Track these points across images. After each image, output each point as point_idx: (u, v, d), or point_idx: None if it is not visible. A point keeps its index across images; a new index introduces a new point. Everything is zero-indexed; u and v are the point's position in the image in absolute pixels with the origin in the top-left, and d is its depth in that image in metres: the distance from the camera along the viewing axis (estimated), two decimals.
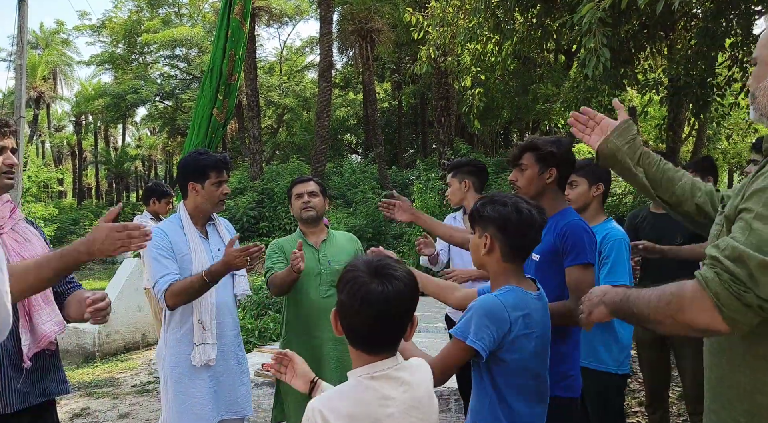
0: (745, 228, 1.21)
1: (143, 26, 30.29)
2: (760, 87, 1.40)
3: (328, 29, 16.79)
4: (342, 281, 1.38)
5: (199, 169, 2.62)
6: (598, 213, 2.82)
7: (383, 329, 1.35)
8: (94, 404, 4.98)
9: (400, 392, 1.36)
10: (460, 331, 1.65)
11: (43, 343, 2.09)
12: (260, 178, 17.36)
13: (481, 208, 1.79)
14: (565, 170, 2.23)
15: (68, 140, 43.09)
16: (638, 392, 4.74)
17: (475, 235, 1.83)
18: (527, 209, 1.73)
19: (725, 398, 1.36)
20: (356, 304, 1.32)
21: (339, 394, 1.38)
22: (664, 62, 7.53)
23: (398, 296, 1.32)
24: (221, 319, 2.65)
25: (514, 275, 1.77)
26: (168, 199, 5.38)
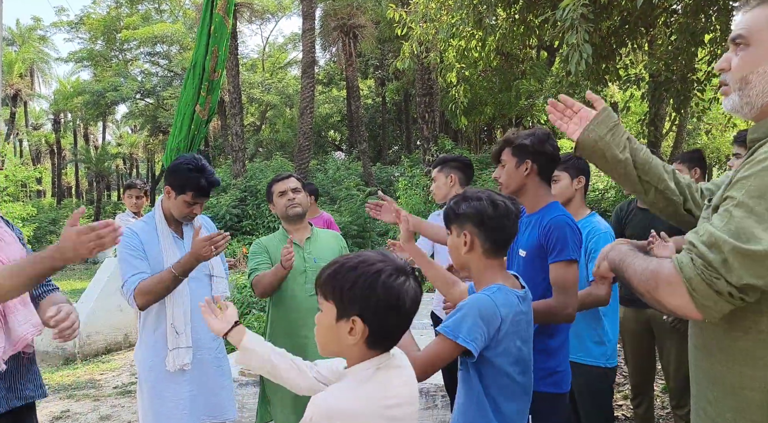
0: (725, 215, 1.20)
1: (122, 23, 29.92)
2: (758, 71, 1.33)
3: (311, 25, 16.69)
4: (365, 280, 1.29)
5: (180, 181, 2.54)
6: (581, 207, 2.83)
7: (403, 326, 1.34)
8: (75, 406, 4.90)
9: (402, 382, 1.35)
10: (450, 330, 1.61)
11: (20, 346, 2.04)
12: (243, 175, 17.22)
13: (455, 207, 1.77)
14: (544, 162, 2.19)
15: (47, 138, 42.38)
16: (623, 385, 4.78)
17: (452, 235, 1.80)
18: (501, 201, 1.74)
19: (712, 395, 1.35)
20: (390, 305, 1.28)
21: (342, 390, 1.32)
22: (645, 58, 7.59)
23: (419, 297, 1.34)
24: (196, 323, 2.56)
25: (499, 272, 1.76)
26: (131, 193, 5.27)
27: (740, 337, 1.27)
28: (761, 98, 1.34)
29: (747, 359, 1.25)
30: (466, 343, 1.58)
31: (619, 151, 1.67)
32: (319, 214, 5.41)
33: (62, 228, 13.04)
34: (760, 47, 1.33)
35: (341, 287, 1.30)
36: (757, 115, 1.36)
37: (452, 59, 7.76)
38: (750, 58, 1.35)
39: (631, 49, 7.17)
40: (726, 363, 1.30)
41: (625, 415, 4.16)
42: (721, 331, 1.31)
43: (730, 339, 1.29)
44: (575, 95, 7.29)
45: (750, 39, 1.35)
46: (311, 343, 2.83)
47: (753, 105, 1.35)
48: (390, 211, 2.81)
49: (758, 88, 1.34)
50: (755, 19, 1.35)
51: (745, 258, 1.13)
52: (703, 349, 1.39)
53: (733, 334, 1.28)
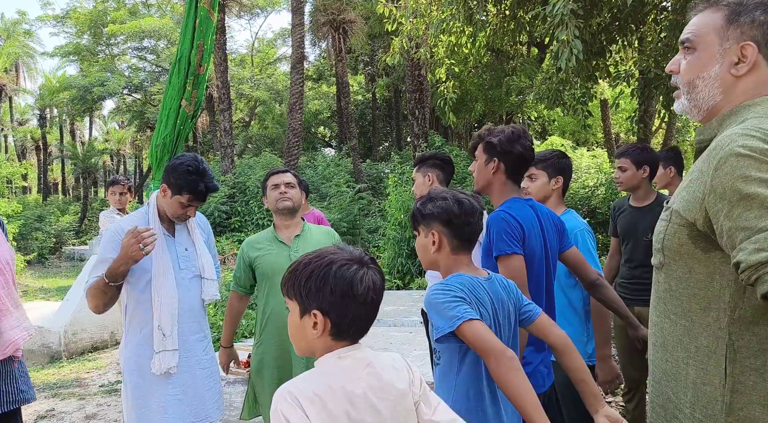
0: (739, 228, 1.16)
1: (109, 17, 29.56)
2: (703, 76, 1.37)
3: (300, 21, 16.60)
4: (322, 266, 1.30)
5: (177, 182, 2.45)
6: (558, 205, 2.84)
7: (365, 316, 1.33)
8: (60, 405, 4.83)
9: (365, 373, 1.32)
10: (447, 325, 1.59)
11: (10, 350, 2.00)
12: (232, 172, 17.12)
13: (422, 208, 1.81)
14: (511, 162, 2.17)
15: (32, 134, 41.87)
16: None
17: (420, 235, 1.83)
18: (466, 199, 1.77)
19: (670, 391, 1.39)
20: (343, 294, 1.28)
21: (307, 376, 1.34)
22: (635, 55, 7.60)
23: (381, 286, 1.35)
24: (182, 324, 2.50)
25: (465, 265, 1.78)
26: (114, 189, 5.20)
27: (700, 334, 1.31)
28: (707, 102, 1.38)
29: (706, 355, 1.30)
30: (467, 317, 1.56)
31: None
32: (310, 211, 5.37)
33: (48, 225, 12.93)
34: (705, 52, 1.37)
35: (299, 283, 1.33)
36: (704, 117, 1.40)
37: (442, 55, 7.74)
38: (696, 62, 1.39)
39: (621, 46, 7.17)
40: (686, 360, 1.34)
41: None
42: (681, 328, 1.35)
43: (691, 336, 1.33)
44: (565, 91, 7.30)
45: (696, 43, 1.39)
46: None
47: (700, 108, 1.40)
48: None
49: (704, 92, 1.38)
50: (702, 24, 1.38)
51: None
52: (663, 347, 1.42)
53: (693, 332, 1.32)
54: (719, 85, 1.36)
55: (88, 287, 2.36)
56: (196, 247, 2.61)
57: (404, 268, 10.04)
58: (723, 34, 1.35)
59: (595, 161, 13.35)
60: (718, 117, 1.36)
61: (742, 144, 1.18)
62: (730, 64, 1.34)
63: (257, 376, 2.91)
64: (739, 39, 1.33)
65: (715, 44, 1.35)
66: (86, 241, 22.14)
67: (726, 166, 1.19)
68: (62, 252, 20.11)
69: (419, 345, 5.50)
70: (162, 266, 2.44)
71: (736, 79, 1.34)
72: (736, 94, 1.34)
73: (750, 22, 1.32)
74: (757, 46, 1.31)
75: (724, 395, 1.26)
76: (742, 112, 1.32)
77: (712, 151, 1.25)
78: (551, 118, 17.21)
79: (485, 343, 1.54)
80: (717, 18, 1.36)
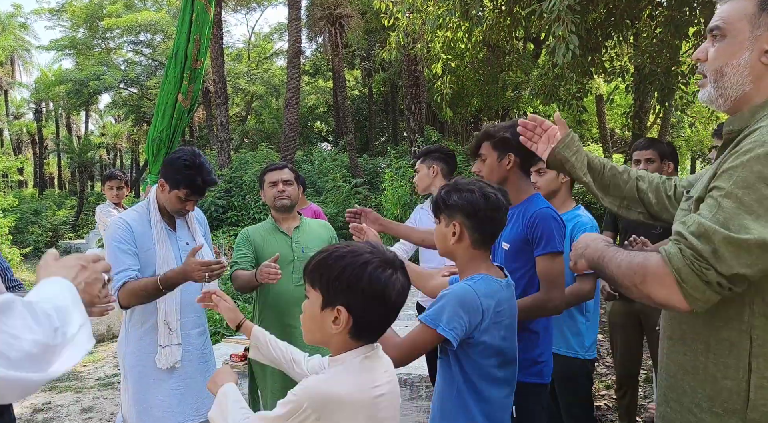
0: (713, 205, 1.20)
1: (105, 10, 29.39)
2: (733, 64, 1.33)
3: (297, 15, 16.55)
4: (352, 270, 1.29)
5: (175, 176, 2.45)
6: (566, 200, 2.84)
7: (389, 319, 1.36)
8: (56, 398, 4.85)
9: (384, 373, 1.35)
10: (431, 319, 1.61)
11: None
12: (228, 166, 17.08)
13: (446, 197, 1.76)
14: (525, 154, 2.18)
15: (28, 128, 41.66)
16: (605, 376, 4.83)
17: (440, 224, 1.79)
18: (493, 193, 1.73)
19: (687, 385, 1.36)
20: (375, 296, 1.29)
21: (335, 377, 1.32)
22: (630, 50, 7.62)
23: (407, 290, 1.36)
24: (184, 318, 2.52)
25: (483, 262, 1.76)
26: (111, 184, 5.20)
27: (721, 327, 1.28)
28: (735, 91, 1.34)
29: (727, 349, 1.26)
30: (445, 332, 1.58)
31: (582, 174, 1.81)
32: (308, 205, 5.39)
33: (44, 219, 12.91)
34: (736, 39, 1.33)
35: (328, 276, 1.30)
36: (731, 107, 1.37)
37: (439, 50, 7.74)
38: (725, 49, 1.35)
39: (616, 42, 7.19)
40: (705, 353, 1.31)
41: (607, 405, 4.21)
42: (700, 321, 1.32)
43: (710, 329, 1.30)
44: (561, 87, 7.32)
45: (726, 30, 1.35)
46: (298, 333, 2.81)
47: (727, 97, 1.36)
48: (371, 220, 2.68)
49: (732, 80, 1.34)
50: (732, 11, 1.35)
51: (735, 247, 1.13)
52: (679, 341, 1.39)
53: (714, 325, 1.29)
54: (749, 74, 1.31)
55: (120, 285, 2.33)
56: (197, 241, 2.63)
57: None
58: (755, 21, 1.30)
59: None
60: (750, 107, 1.32)
61: None
62: (761, 51, 1.30)
63: (259, 368, 2.90)
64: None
65: (746, 31, 1.31)
66: (82, 235, 22.09)
67: (759, 162, 1.16)
68: (58, 246, 20.05)
69: None
70: (165, 261, 2.45)
71: (766, 67, 1.30)
72: (767, 84, 1.31)
73: None
74: None
75: (747, 391, 1.23)
76: None
77: (745, 144, 1.22)
78: (547, 113, 17.21)
79: (411, 352, 1.63)
80: (749, 5, 1.32)
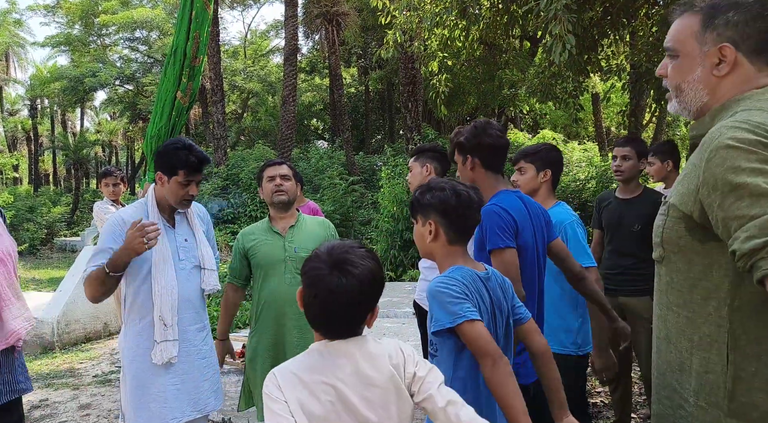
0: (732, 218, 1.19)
1: (101, 7, 29.27)
2: (688, 80, 1.42)
3: (294, 12, 16.53)
4: (303, 267, 1.42)
5: (169, 162, 2.47)
6: (547, 198, 2.87)
7: (335, 319, 1.39)
8: (53, 395, 4.86)
9: (349, 363, 1.38)
10: (450, 320, 1.61)
11: (12, 340, 2.02)
12: (225, 164, 17.07)
13: (420, 197, 1.83)
14: (483, 154, 2.20)
15: (23, 125, 41.46)
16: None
17: (418, 224, 1.85)
18: (464, 191, 1.78)
19: (675, 381, 1.41)
20: (311, 293, 1.37)
21: (292, 360, 1.44)
22: (627, 49, 7.65)
23: (353, 293, 1.35)
24: (182, 314, 2.53)
25: (461, 256, 1.80)
26: (107, 181, 5.22)
27: (702, 323, 1.33)
28: (695, 103, 1.43)
29: (708, 344, 1.32)
30: (473, 314, 1.59)
31: None
32: (306, 203, 5.40)
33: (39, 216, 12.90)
34: (687, 57, 1.42)
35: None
36: (696, 116, 1.45)
37: (435, 48, 7.75)
38: (680, 68, 1.44)
39: (612, 40, 7.21)
40: (689, 349, 1.37)
41: (603, 402, 4.24)
42: (683, 320, 1.38)
43: (693, 327, 1.36)
44: (557, 85, 7.34)
45: (677, 50, 1.44)
46: (290, 332, 2.84)
47: (689, 109, 1.45)
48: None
49: (690, 95, 1.43)
50: (680, 30, 1.44)
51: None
52: (666, 339, 1.45)
53: (696, 322, 1.35)
54: (704, 87, 1.40)
55: (86, 275, 2.37)
56: (196, 237, 2.64)
57: (396, 260, 10.09)
58: (701, 38, 1.39)
59: (586, 155, 13.43)
60: (710, 112, 1.41)
61: (731, 136, 1.22)
62: (712, 65, 1.38)
63: (250, 366, 2.95)
64: (717, 41, 1.37)
65: (695, 49, 1.40)
66: (78, 233, 22.03)
67: (716, 158, 1.23)
68: (54, 243, 20.00)
69: (412, 336, 5.55)
70: (162, 257, 2.46)
71: (719, 79, 1.38)
72: (722, 93, 1.39)
73: (725, 23, 1.36)
74: (734, 46, 1.35)
75: (726, 382, 1.28)
76: (732, 105, 1.36)
77: (703, 144, 1.29)
78: (543, 111, 17.26)
79: (484, 345, 1.58)
80: (694, 23, 1.41)
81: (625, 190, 3.46)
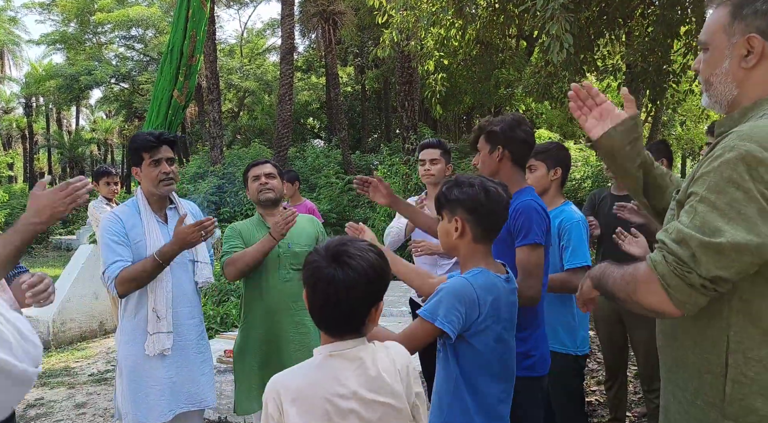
0: (690, 211, 1.24)
1: (96, 5, 29.15)
2: (716, 73, 1.40)
3: (290, 11, 16.50)
4: (304, 264, 1.42)
5: (134, 152, 2.55)
6: (556, 196, 2.88)
7: (337, 314, 1.37)
8: (49, 394, 4.85)
9: (354, 374, 1.36)
10: (429, 312, 1.63)
11: None
12: (221, 162, 17.02)
13: (447, 192, 1.78)
14: (515, 148, 2.20)
15: (18, 123, 41.29)
16: (597, 372, 4.88)
17: (443, 220, 1.81)
18: (494, 187, 1.75)
19: (680, 378, 1.41)
20: (311, 288, 1.37)
21: (294, 370, 1.41)
22: (622, 49, 7.67)
23: (352, 284, 1.33)
24: (178, 308, 2.55)
25: (484, 257, 1.78)
26: (107, 179, 5.27)
27: (705, 325, 1.32)
28: (725, 97, 1.41)
29: (710, 345, 1.32)
30: (443, 326, 1.60)
31: (633, 166, 1.61)
32: (302, 202, 5.41)
33: None
34: (716, 50, 1.40)
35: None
36: (728, 110, 1.43)
37: (432, 48, 7.75)
38: (709, 60, 1.43)
39: (608, 40, 7.24)
40: (691, 348, 1.36)
41: (598, 401, 4.25)
42: (689, 318, 1.36)
43: (696, 327, 1.35)
44: (554, 85, 7.35)
45: (708, 43, 1.43)
46: (285, 327, 2.83)
47: (720, 103, 1.43)
48: (382, 192, 2.72)
49: (719, 88, 1.41)
50: (711, 23, 1.42)
51: (710, 251, 1.18)
52: (670, 335, 1.45)
53: (699, 323, 1.34)
54: (732, 80, 1.38)
55: (117, 273, 2.38)
56: None
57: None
58: (729, 30, 1.37)
59: (582, 154, 13.44)
60: (739, 109, 1.38)
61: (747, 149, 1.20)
62: (740, 57, 1.36)
63: (238, 359, 2.92)
64: (745, 32, 1.34)
65: (724, 41, 1.38)
66: (73, 231, 21.92)
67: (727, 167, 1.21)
68: (49, 241, 19.92)
69: None
70: (155, 251, 2.46)
71: (747, 71, 1.36)
72: (752, 85, 1.36)
73: (753, 13, 1.33)
74: (762, 36, 1.32)
75: (725, 384, 1.28)
76: (763, 104, 1.33)
77: (724, 147, 1.26)
78: (539, 111, 17.28)
79: (411, 341, 1.64)
80: (723, 15, 1.38)
81: (620, 187, 3.47)
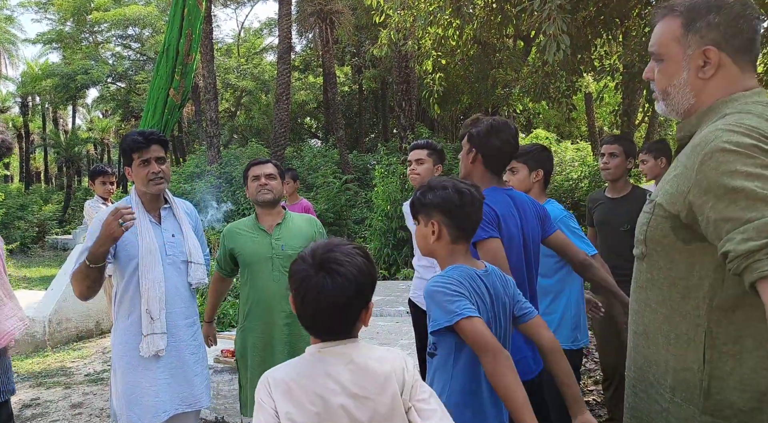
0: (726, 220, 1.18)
1: (93, 4, 29.09)
2: (675, 84, 1.43)
3: (287, 10, 16.49)
4: (290, 271, 1.39)
5: (124, 152, 2.55)
6: (539, 196, 2.92)
7: (324, 320, 1.36)
8: (45, 394, 4.83)
9: (346, 369, 1.35)
10: (446, 319, 1.61)
11: (5, 341, 2.00)
12: (218, 162, 17.00)
13: (422, 197, 1.81)
14: (488, 153, 2.20)
15: (14, 122, 41.14)
16: (594, 371, 4.88)
17: (420, 224, 1.83)
18: (466, 189, 1.77)
19: (652, 376, 1.44)
20: (298, 295, 1.35)
21: (286, 364, 1.41)
22: (620, 49, 7.68)
23: (340, 290, 1.31)
24: (171, 309, 2.53)
25: (462, 255, 1.79)
26: (103, 179, 5.30)
27: (680, 322, 1.35)
28: (682, 105, 1.44)
29: (685, 342, 1.34)
30: (470, 312, 1.59)
31: None
32: (299, 201, 5.41)
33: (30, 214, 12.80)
34: (672, 61, 1.43)
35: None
36: (684, 117, 1.46)
37: (429, 47, 7.75)
38: (665, 71, 1.45)
39: (605, 40, 7.25)
40: (666, 346, 1.39)
41: (595, 400, 4.26)
42: (661, 317, 1.40)
43: (670, 324, 1.37)
44: (551, 85, 7.36)
45: (661, 54, 1.45)
46: (277, 329, 2.84)
47: (677, 111, 1.46)
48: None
49: (677, 98, 1.44)
50: (663, 34, 1.44)
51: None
52: (644, 335, 1.47)
53: (673, 320, 1.36)
54: (690, 90, 1.42)
55: (72, 273, 2.39)
56: (183, 232, 2.64)
57: (390, 258, 10.10)
58: (684, 42, 1.40)
59: (579, 154, 13.47)
60: (696, 114, 1.42)
61: (727, 139, 1.22)
62: (697, 68, 1.39)
63: (241, 362, 2.98)
64: (700, 44, 1.38)
65: (679, 53, 1.41)
66: (69, 231, 21.91)
67: (711, 161, 1.23)
68: (45, 241, 19.87)
69: (405, 335, 5.56)
70: (149, 252, 2.47)
71: (704, 81, 1.40)
72: (709, 94, 1.40)
73: (707, 26, 1.37)
74: (717, 48, 1.36)
75: (702, 380, 1.30)
76: (720, 107, 1.37)
77: (696, 146, 1.29)
78: (536, 111, 17.30)
79: (484, 341, 1.57)
80: (675, 27, 1.41)
81: (614, 189, 3.49)
